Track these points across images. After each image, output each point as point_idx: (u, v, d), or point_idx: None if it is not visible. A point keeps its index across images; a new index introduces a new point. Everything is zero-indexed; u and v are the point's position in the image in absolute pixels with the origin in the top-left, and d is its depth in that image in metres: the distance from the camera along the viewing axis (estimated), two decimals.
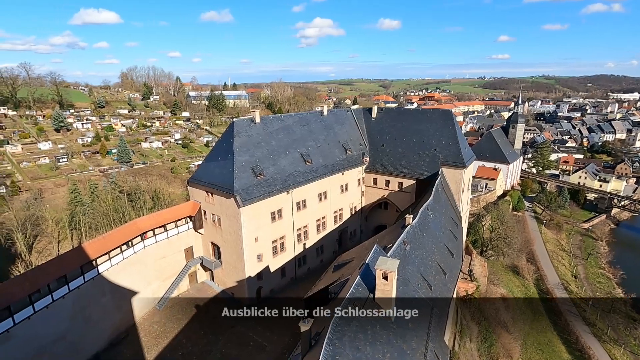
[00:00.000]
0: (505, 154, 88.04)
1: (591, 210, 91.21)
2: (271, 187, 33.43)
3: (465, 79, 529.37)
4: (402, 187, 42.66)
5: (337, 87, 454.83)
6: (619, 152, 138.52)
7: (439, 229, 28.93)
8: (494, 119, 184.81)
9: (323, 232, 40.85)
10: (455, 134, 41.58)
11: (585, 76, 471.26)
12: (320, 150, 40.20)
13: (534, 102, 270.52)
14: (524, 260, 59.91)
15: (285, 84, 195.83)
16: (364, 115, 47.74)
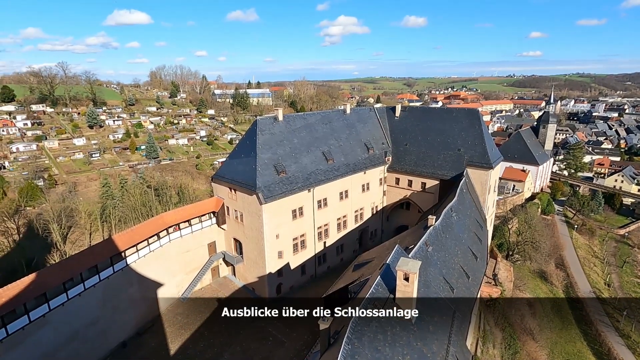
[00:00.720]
0: (535, 155, 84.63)
1: (627, 216, 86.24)
2: (293, 185, 33.68)
3: (494, 77, 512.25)
4: (425, 187, 41.89)
5: (361, 86, 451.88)
6: None
7: (462, 231, 28.24)
8: (523, 119, 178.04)
9: (343, 231, 40.76)
10: (482, 133, 40.38)
11: (624, 74, 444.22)
12: (342, 149, 40.08)
13: (566, 101, 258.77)
14: (553, 266, 57.50)
15: (308, 83, 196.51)
16: (387, 114, 47.18)
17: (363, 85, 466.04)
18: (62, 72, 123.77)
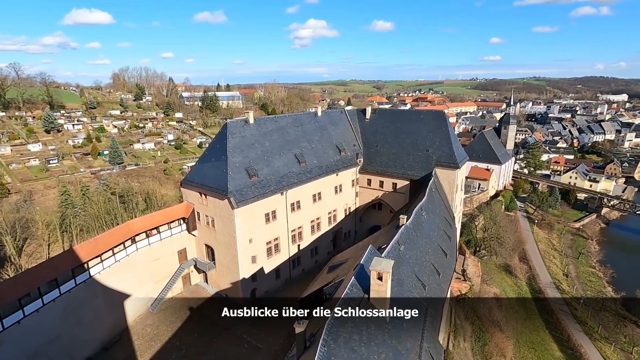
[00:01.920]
0: (498, 155, 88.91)
1: (582, 210, 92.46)
2: (265, 188, 33.35)
3: (458, 80, 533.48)
4: (396, 187, 42.82)
5: (331, 88, 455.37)
6: (608, 153, 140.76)
7: (432, 229, 29.09)
8: (486, 120, 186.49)
9: (317, 233, 40.83)
10: (448, 134, 41.89)
11: (575, 77, 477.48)
12: (314, 151, 40.20)
13: (525, 103, 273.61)
14: (517, 260, 60.51)
15: (279, 85, 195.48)
16: (358, 116, 47.85)
17: (334, 87, 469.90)
18: (14, 73, 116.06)
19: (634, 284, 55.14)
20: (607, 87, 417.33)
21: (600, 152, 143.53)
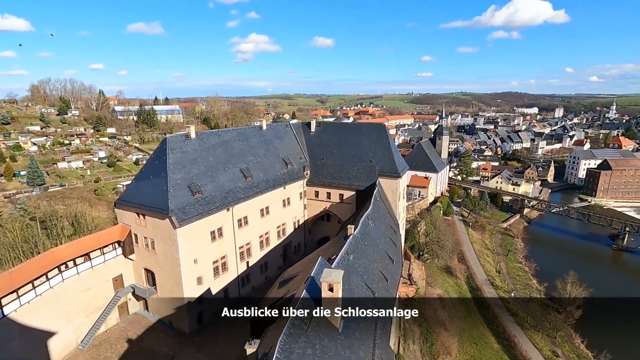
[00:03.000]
0: (434, 164, 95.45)
1: (508, 211, 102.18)
2: (210, 205, 32.05)
3: (396, 94, 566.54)
4: (343, 198, 43.77)
5: (276, 102, 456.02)
6: (526, 159, 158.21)
7: (379, 237, 30.09)
8: (422, 132, 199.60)
9: (267, 248, 40.04)
10: (389, 146, 44.07)
11: (495, 93, 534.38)
12: (260, 165, 39.71)
13: (455, 116, 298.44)
14: (456, 261, 64.73)
15: (221, 99, 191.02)
16: (303, 129, 48.43)
17: (278, 101, 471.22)
18: None
19: (553, 276, 61.71)
20: (521, 101, 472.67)
21: (519, 158, 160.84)
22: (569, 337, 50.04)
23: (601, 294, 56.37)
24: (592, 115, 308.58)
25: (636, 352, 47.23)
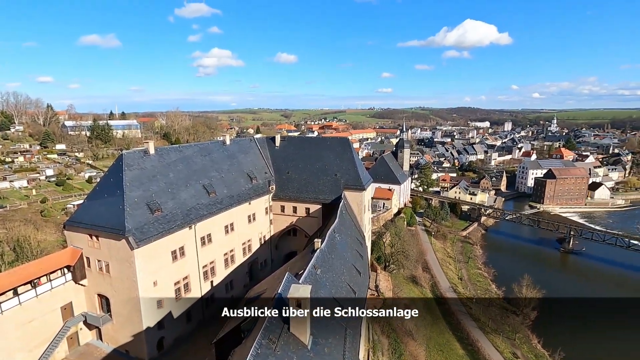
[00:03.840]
0: (397, 176, 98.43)
1: (466, 220, 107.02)
2: (171, 224, 30.70)
3: (359, 109, 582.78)
4: (310, 212, 43.74)
5: (240, 117, 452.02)
6: (481, 170, 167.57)
7: (346, 250, 30.25)
8: (384, 145, 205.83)
9: (232, 266, 38.83)
10: (354, 159, 44.95)
11: (450, 108, 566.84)
12: (224, 181, 38.83)
13: (415, 130, 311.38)
14: (421, 270, 66.40)
15: (183, 113, 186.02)
16: (268, 143, 48.23)
17: (242, 116, 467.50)
18: None
19: (510, 280, 65.03)
20: (475, 115, 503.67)
21: (475, 169, 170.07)
22: (527, 338, 52.61)
23: (553, 295, 60.12)
24: (537, 129, 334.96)
25: (585, 347, 50.54)
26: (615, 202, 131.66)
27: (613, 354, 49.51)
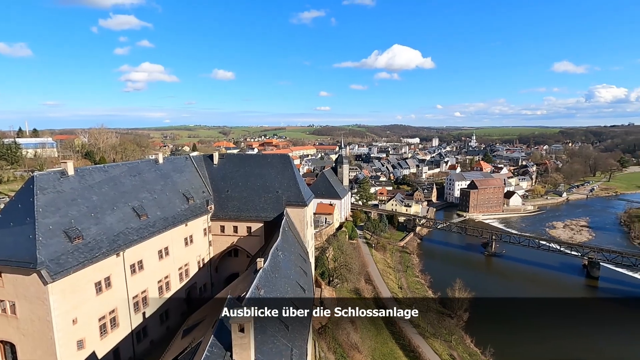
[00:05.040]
0: (337, 191, 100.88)
1: (403, 231, 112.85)
2: (94, 252, 27.65)
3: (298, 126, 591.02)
4: (251, 231, 42.63)
5: (174, 134, 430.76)
6: (414, 183, 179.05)
7: (289, 267, 29.89)
8: (324, 161, 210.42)
9: (167, 293, 35.99)
10: (294, 175, 45.15)
11: (384, 125, 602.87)
12: (157, 202, 36.28)
13: (352, 146, 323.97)
14: (363, 282, 68.00)
15: (108, 130, 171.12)
16: (205, 161, 46.43)
17: (177, 133, 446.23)
18: None
19: (445, 285, 69.48)
20: (406, 132, 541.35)
21: (409, 182, 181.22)
22: (461, 339, 56.30)
23: (481, 295, 65.45)
24: (460, 144, 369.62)
25: (511, 341, 55.57)
26: (526, 208, 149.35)
27: (533, 345, 55.13)
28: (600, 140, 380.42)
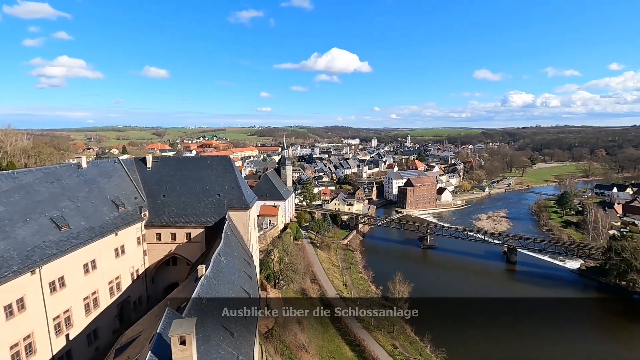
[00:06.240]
0: (281, 192, 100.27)
1: (346, 229, 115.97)
2: (2, 270, 24.11)
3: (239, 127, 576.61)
4: (191, 237, 40.55)
5: (100, 135, 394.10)
6: (355, 182, 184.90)
7: (233, 273, 28.99)
8: (267, 163, 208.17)
9: (95, 311, 32.69)
10: (236, 178, 43.92)
11: (326, 126, 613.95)
12: (81, 211, 32.78)
13: (295, 147, 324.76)
14: (309, 282, 68.48)
15: (18, 131, 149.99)
16: (137, 165, 43.12)
17: (103, 134, 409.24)
18: None
19: (386, 278, 72.69)
20: (347, 133, 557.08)
21: (350, 182, 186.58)
22: (403, 329, 59.42)
23: (419, 287, 69.64)
24: (396, 145, 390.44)
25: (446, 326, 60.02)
26: (455, 203, 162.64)
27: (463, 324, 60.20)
28: (515, 140, 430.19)
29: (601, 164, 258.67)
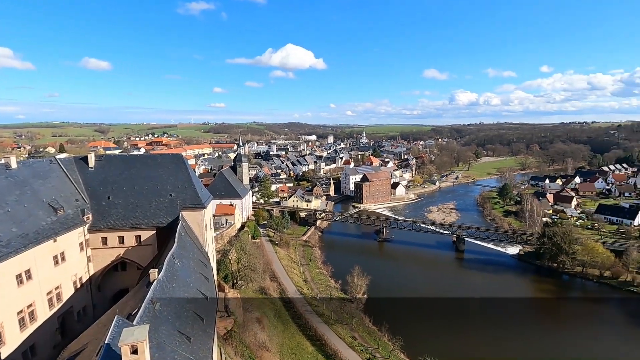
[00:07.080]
0: (237, 190, 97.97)
1: (305, 225, 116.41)
2: None
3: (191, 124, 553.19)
4: (141, 240, 38.32)
5: (32, 132, 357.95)
6: (313, 179, 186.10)
7: (188, 275, 27.89)
8: (222, 160, 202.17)
9: (32, 325, 29.76)
10: (190, 176, 42.17)
11: (282, 123, 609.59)
12: (10, 216, 29.58)
13: (251, 144, 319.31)
14: (269, 280, 67.82)
15: None
16: (78, 165, 39.80)
17: (37, 132, 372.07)
18: None
19: (345, 272, 74.19)
20: (303, 130, 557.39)
21: (308, 178, 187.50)
22: (362, 320, 61.07)
23: (376, 279, 71.92)
24: (352, 141, 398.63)
25: (401, 317, 62.58)
26: (409, 197, 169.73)
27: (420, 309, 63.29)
28: (461, 136, 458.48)
29: (535, 158, 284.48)
